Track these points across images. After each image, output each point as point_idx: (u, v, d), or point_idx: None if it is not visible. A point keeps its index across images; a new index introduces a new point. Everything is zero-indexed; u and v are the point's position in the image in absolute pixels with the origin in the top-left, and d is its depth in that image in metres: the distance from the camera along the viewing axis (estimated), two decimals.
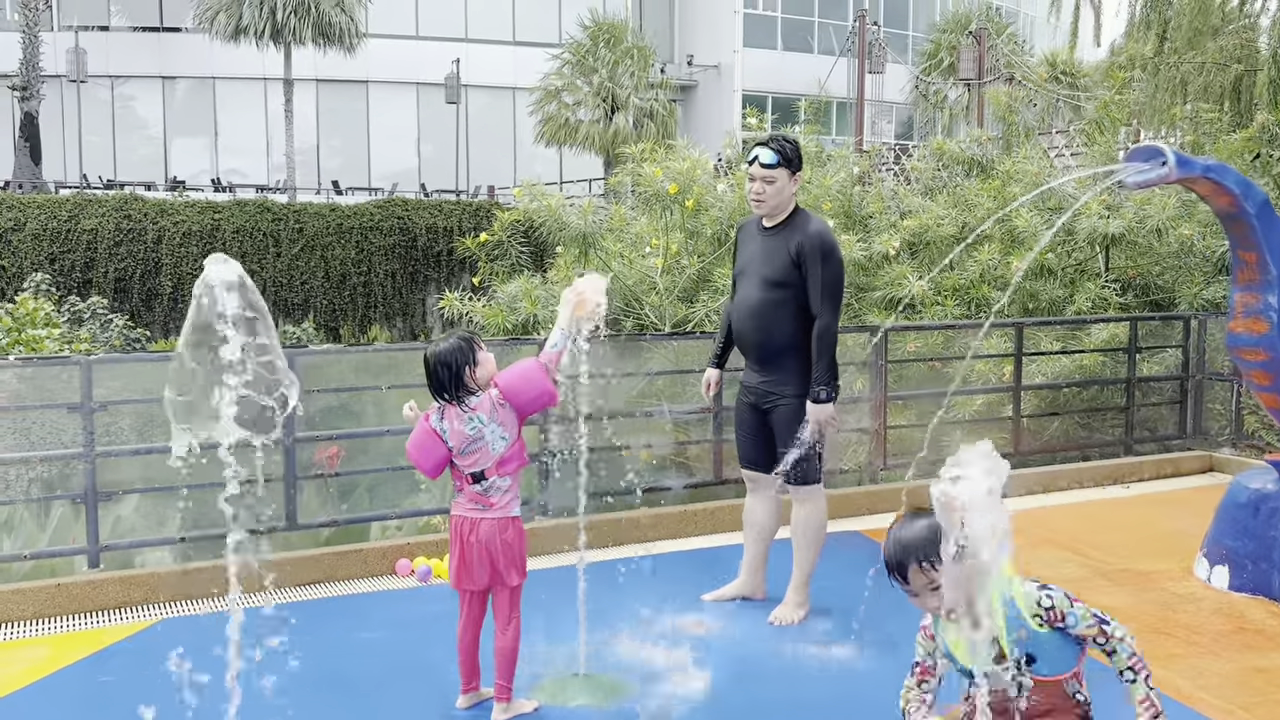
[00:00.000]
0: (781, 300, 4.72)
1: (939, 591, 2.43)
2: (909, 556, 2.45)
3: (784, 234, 4.76)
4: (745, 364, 4.99)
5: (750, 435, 4.97)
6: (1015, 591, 2.49)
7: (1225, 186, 4.79)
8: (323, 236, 26.88)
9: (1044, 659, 2.53)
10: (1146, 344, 8.78)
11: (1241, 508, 5.32)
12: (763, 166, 4.70)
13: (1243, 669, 4.36)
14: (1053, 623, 2.52)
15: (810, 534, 4.89)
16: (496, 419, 3.67)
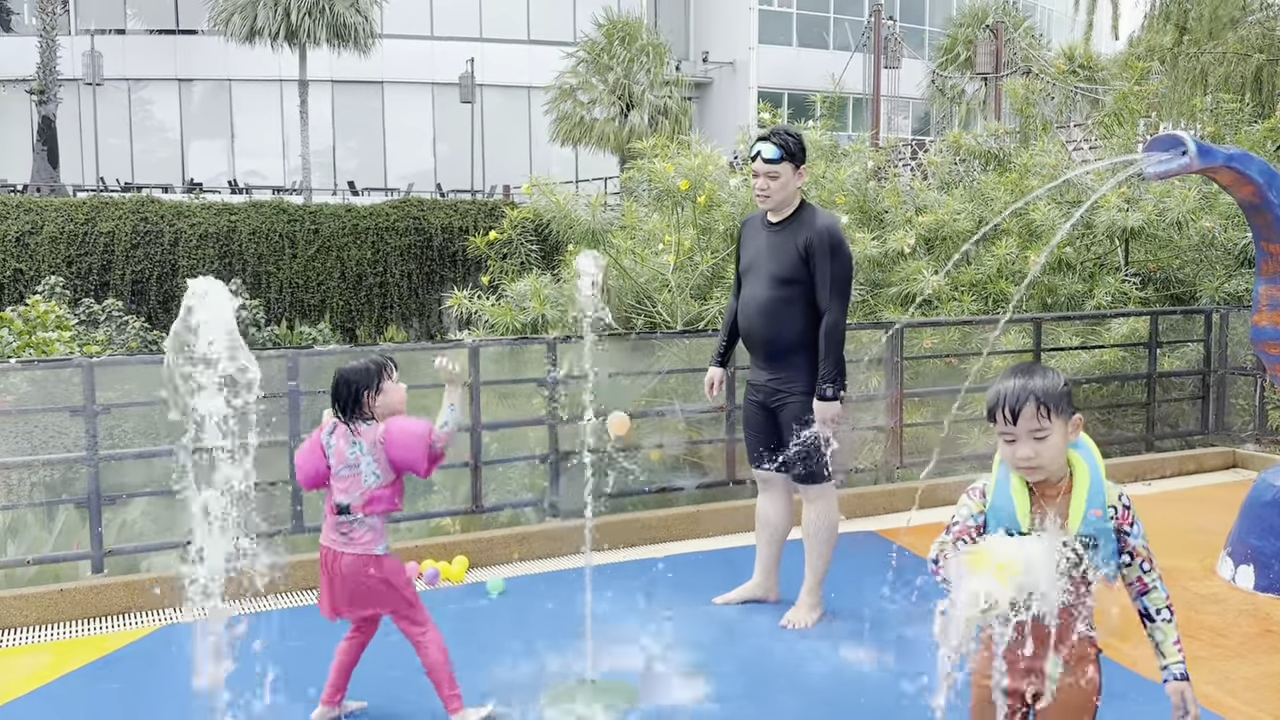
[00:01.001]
0: (790, 297, 4.63)
1: (1040, 441, 2.42)
2: (1030, 396, 2.43)
3: (791, 230, 4.66)
4: (751, 362, 4.89)
5: (759, 434, 4.87)
6: (1103, 470, 2.51)
7: (1249, 176, 4.67)
8: (339, 237, 26.91)
9: (1101, 554, 2.48)
10: (1167, 339, 8.62)
11: (1267, 506, 5.19)
12: (765, 161, 4.61)
13: (1270, 673, 4.24)
14: (1121, 523, 2.51)
15: (822, 534, 4.79)
16: (374, 455, 3.60)
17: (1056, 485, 2.50)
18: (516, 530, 6.09)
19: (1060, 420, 2.46)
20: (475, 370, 6.17)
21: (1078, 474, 2.51)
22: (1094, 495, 2.48)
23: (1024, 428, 2.44)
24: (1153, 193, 9.35)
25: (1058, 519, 2.47)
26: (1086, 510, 2.47)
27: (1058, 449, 2.47)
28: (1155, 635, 2.57)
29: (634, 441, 6.88)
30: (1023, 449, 2.46)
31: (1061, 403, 2.47)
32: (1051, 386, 2.46)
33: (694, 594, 5.17)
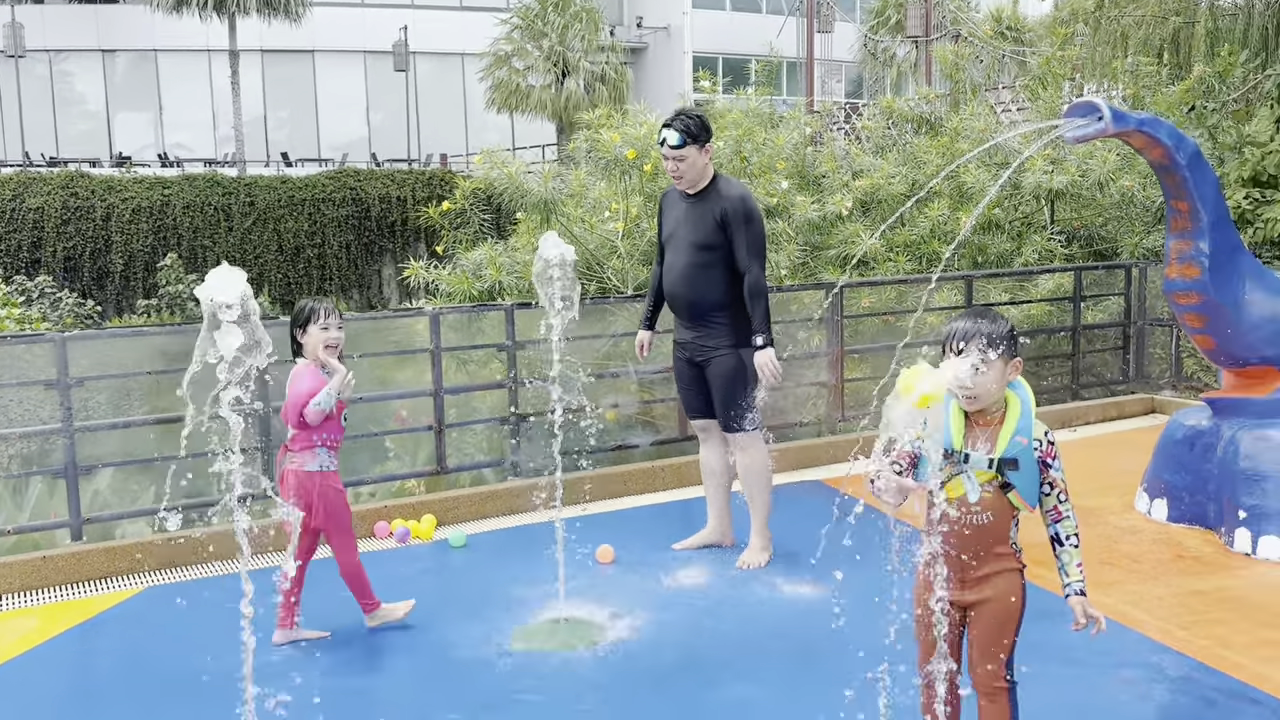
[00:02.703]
0: (710, 262, 4.99)
1: (980, 375, 2.75)
2: (977, 334, 2.77)
3: (707, 201, 5.02)
4: (676, 323, 5.26)
5: (689, 387, 5.25)
6: (1034, 409, 2.84)
7: (1158, 139, 5.02)
8: (275, 209, 26.66)
9: (1022, 476, 2.80)
10: (1091, 293, 9.09)
11: (1178, 444, 5.63)
12: (671, 148, 4.95)
13: (1179, 592, 4.67)
14: (1044, 456, 2.83)
15: (756, 478, 5.15)
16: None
17: (991, 416, 2.84)
18: (480, 489, 6.36)
19: (1001, 360, 2.79)
20: (436, 336, 6.39)
21: (1011, 408, 2.84)
22: (1022, 427, 2.81)
23: (970, 360, 2.77)
24: (1076, 154, 9.79)
25: (987, 442, 2.82)
26: (1013, 437, 2.80)
27: (995, 383, 2.79)
28: (1062, 558, 2.88)
29: (591, 403, 7.17)
30: (964, 383, 2.78)
31: (1004, 344, 2.79)
32: (996, 330, 2.80)
33: (654, 542, 5.48)
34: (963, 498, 2.80)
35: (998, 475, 2.80)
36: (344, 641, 4.33)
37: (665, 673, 3.98)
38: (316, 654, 4.21)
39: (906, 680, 3.07)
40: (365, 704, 3.80)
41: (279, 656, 4.14)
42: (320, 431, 4.17)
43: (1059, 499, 2.86)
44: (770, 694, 3.76)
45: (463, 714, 3.70)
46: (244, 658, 3.12)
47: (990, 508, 2.81)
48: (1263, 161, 9.37)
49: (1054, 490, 2.85)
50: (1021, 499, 2.83)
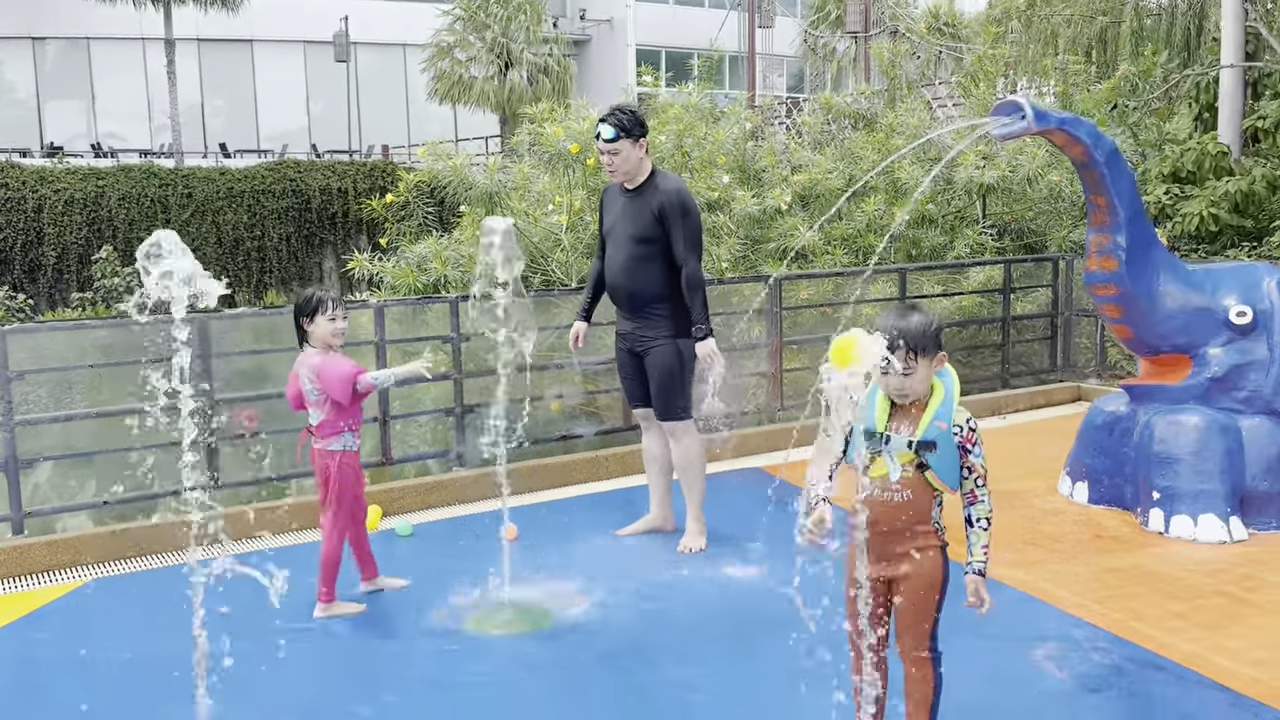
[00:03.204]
0: (649, 255, 5.14)
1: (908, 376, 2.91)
2: (903, 340, 2.90)
3: (645, 195, 5.16)
4: (618, 314, 5.40)
5: (631, 377, 5.40)
6: (957, 396, 3.00)
7: (1078, 137, 5.26)
8: (213, 201, 26.28)
9: (940, 458, 2.95)
10: (1020, 285, 9.38)
11: (1098, 429, 5.88)
12: (605, 142, 5.09)
13: (1097, 570, 4.91)
14: (964, 442, 2.96)
15: (691, 465, 5.32)
16: (313, 384, 4.45)
17: (915, 403, 3.01)
18: (425, 480, 6.44)
19: (925, 360, 2.94)
20: (380, 329, 6.46)
21: (935, 394, 2.99)
22: (942, 412, 2.97)
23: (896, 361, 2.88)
24: (1007, 150, 10.09)
25: (909, 425, 2.98)
26: (932, 421, 2.96)
27: (921, 381, 2.97)
28: (971, 538, 3.02)
29: (536, 393, 7.27)
30: (893, 381, 2.95)
31: (929, 344, 2.94)
32: (920, 329, 2.92)
33: (598, 529, 5.62)
34: (885, 477, 2.96)
35: (916, 456, 2.96)
36: (290, 628, 4.40)
37: (608, 654, 4.11)
38: (266, 641, 4.28)
39: (839, 652, 3.23)
40: (312, 690, 3.89)
41: (227, 646, 4.20)
42: (347, 416, 4.47)
43: (976, 484, 3.00)
44: (710, 673, 3.90)
45: (407, 695, 3.80)
46: (194, 647, 3.19)
47: (911, 487, 2.97)
48: (1181, 158, 9.74)
49: (972, 475, 3.00)
50: (939, 480, 2.98)
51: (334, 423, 4.46)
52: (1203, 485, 5.28)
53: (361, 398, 4.48)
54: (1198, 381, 5.54)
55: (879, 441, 2.98)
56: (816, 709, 3.35)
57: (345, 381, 4.39)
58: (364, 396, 4.50)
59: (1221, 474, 5.28)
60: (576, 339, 5.56)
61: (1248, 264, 6.08)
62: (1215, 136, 9.89)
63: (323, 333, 4.43)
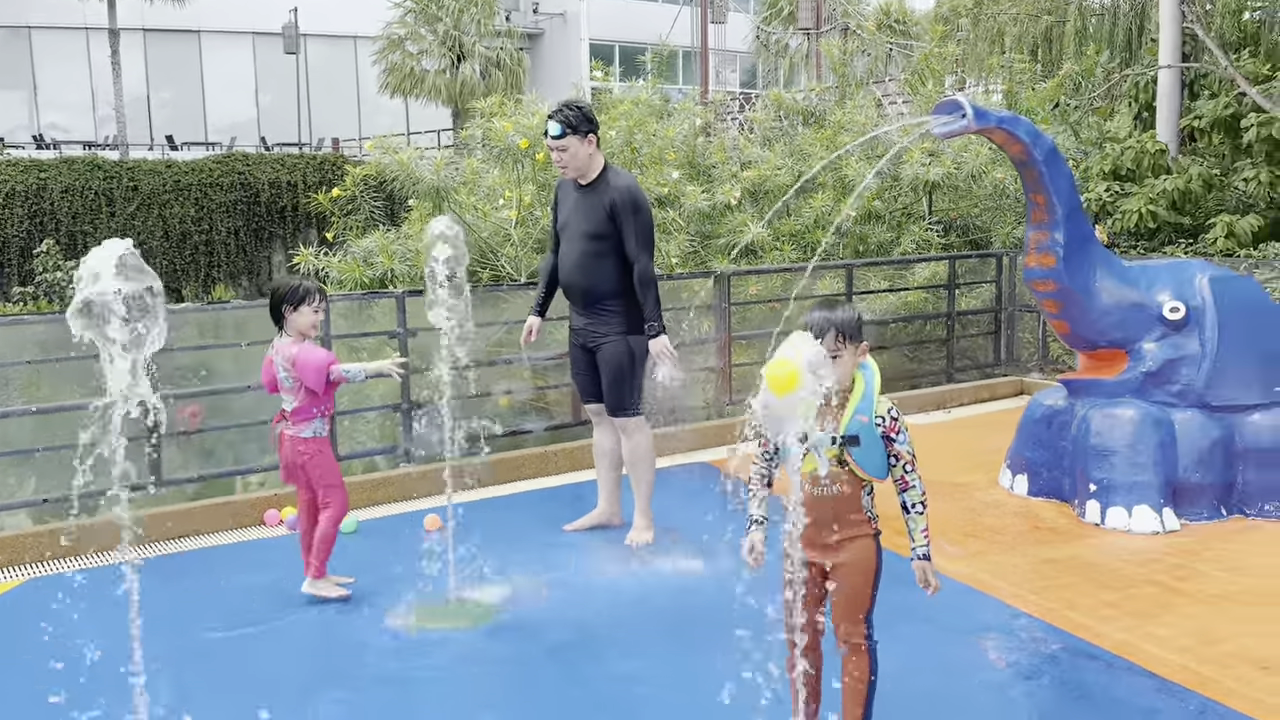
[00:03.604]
0: (602, 251, 5.16)
1: (835, 360, 2.96)
2: (831, 326, 3.01)
3: (597, 191, 5.17)
4: (571, 309, 5.41)
5: (583, 373, 5.42)
6: (877, 388, 3.08)
7: (1017, 136, 5.36)
8: (159, 194, 25.87)
9: (863, 451, 3.03)
10: (965, 280, 9.52)
11: (1037, 423, 6.00)
12: (553, 138, 5.10)
13: (1034, 561, 5.01)
14: (888, 431, 3.05)
15: (641, 462, 5.35)
16: (288, 371, 4.54)
17: (839, 396, 3.06)
18: (372, 476, 6.41)
19: (852, 346, 3.05)
20: (326, 324, 6.40)
21: (856, 387, 3.08)
22: (864, 405, 3.05)
23: (826, 348, 2.94)
24: (952, 148, 10.22)
25: (833, 420, 3.05)
26: (855, 415, 3.04)
27: (847, 368, 3.05)
28: (909, 524, 3.11)
29: (484, 389, 7.27)
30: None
31: (854, 332, 3.06)
32: (848, 319, 3.05)
33: (546, 524, 5.63)
34: (814, 472, 3.04)
35: (840, 451, 3.03)
36: (237, 624, 4.38)
37: (554, 648, 4.13)
38: (209, 637, 4.25)
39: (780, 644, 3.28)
40: (255, 687, 3.86)
41: (166, 645, 4.16)
42: (320, 403, 4.60)
43: (905, 470, 3.08)
44: (655, 666, 3.94)
45: (353, 691, 3.80)
46: (132, 647, 3.16)
47: (839, 480, 3.06)
48: (1121, 156, 9.93)
49: (899, 462, 3.08)
50: (864, 471, 3.06)
51: (307, 409, 4.58)
52: (1137, 477, 5.41)
53: (334, 387, 4.59)
54: (1133, 376, 5.66)
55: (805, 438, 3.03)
56: (758, 700, 3.39)
57: (320, 370, 4.50)
58: (336, 386, 4.60)
59: (1155, 466, 5.41)
60: (529, 333, 5.55)
61: (1181, 261, 6.24)
62: (1154, 135, 10.10)
63: (304, 322, 4.55)
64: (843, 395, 3.06)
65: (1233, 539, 5.24)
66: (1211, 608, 4.37)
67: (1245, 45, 11.71)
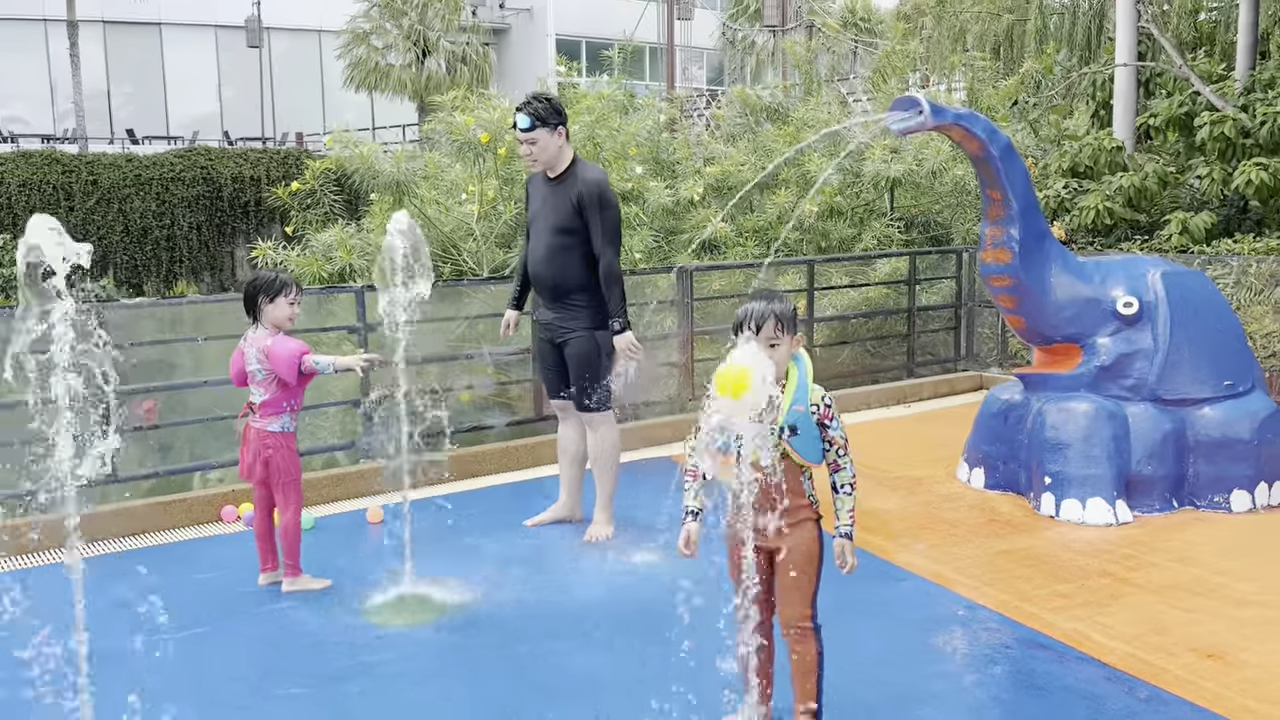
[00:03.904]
0: (569, 245, 5.14)
1: (773, 349, 3.06)
2: (770, 314, 3.09)
3: (565, 184, 5.16)
4: (540, 303, 5.39)
5: (550, 368, 5.39)
6: (810, 380, 3.18)
7: (973, 133, 5.40)
8: (120, 189, 25.52)
9: (801, 438, 3.13)
10: (925, 276, 9.59)
11: (994, 416, 6.06)
12: (522, 131, 5.08)
13: (990, 553, 5.06)
14: (822, 418, 3.15)
15: (605, 457, 5.35)
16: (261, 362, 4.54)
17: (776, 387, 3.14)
18: (331, 472, 6.37)
19: (788, 335, 3.14)
20: None
21: (791, 378, 3.17)
22: (799, 394, 3.15)
23: (763, 337, 3.08)
24: (913, 144, 10.29)
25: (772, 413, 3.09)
26: (792, 405, 3.14)
27: (784, 357, 3.15)
28: (837, 504, 3.21)
29: (446, 385, 7.23)
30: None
31: (792, 322, 3.16)
32: (786, 309, 3.14)
33: (507, 520, 5.62)
34: (757, 462, 3.06)
35: (781, 441, 3.11)
36: (192, 620, 4.34)
37: (511, 643, 4.13)
38: (162, 635, 4.20)
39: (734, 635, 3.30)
40: (211, 683, 3.83)
41: (117, 644, 4.12)
42: (291, 397, 4.59)
43: (838, 454, 3.19)
44: (613, 660, 3.94)
45: (309, 687, 3.77)
46: (77, 643, 3.12)
47: (780, 467, 3.12)
48: (1079, 154, 10.04)
49: (833, 447, 3.19)
50: (802, 458, 3.15)
51: (277, 403, 4.57)
52: (1091, 470, 5.47)
53: (306, 379, 4.58)
54: (1087, 370, 5.73)
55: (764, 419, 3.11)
56: (714, 693, 3.41)
57: (292, 360, 4.48)
58: (309, 379, 4.59)
59: (1109, 459, 5.48)
60: (507, 327, 5.52)
61: (1134, 256, 6.32)
62: (1111, 133, 10.22)
63: (280, 315, 4.56)
64: (779, 386, 3.13)
65: (1183, 530, 5.33)
66: (1160, 598, 4.44)
67: (1200, 45, 11.89)
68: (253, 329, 4.60)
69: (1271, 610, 4.29)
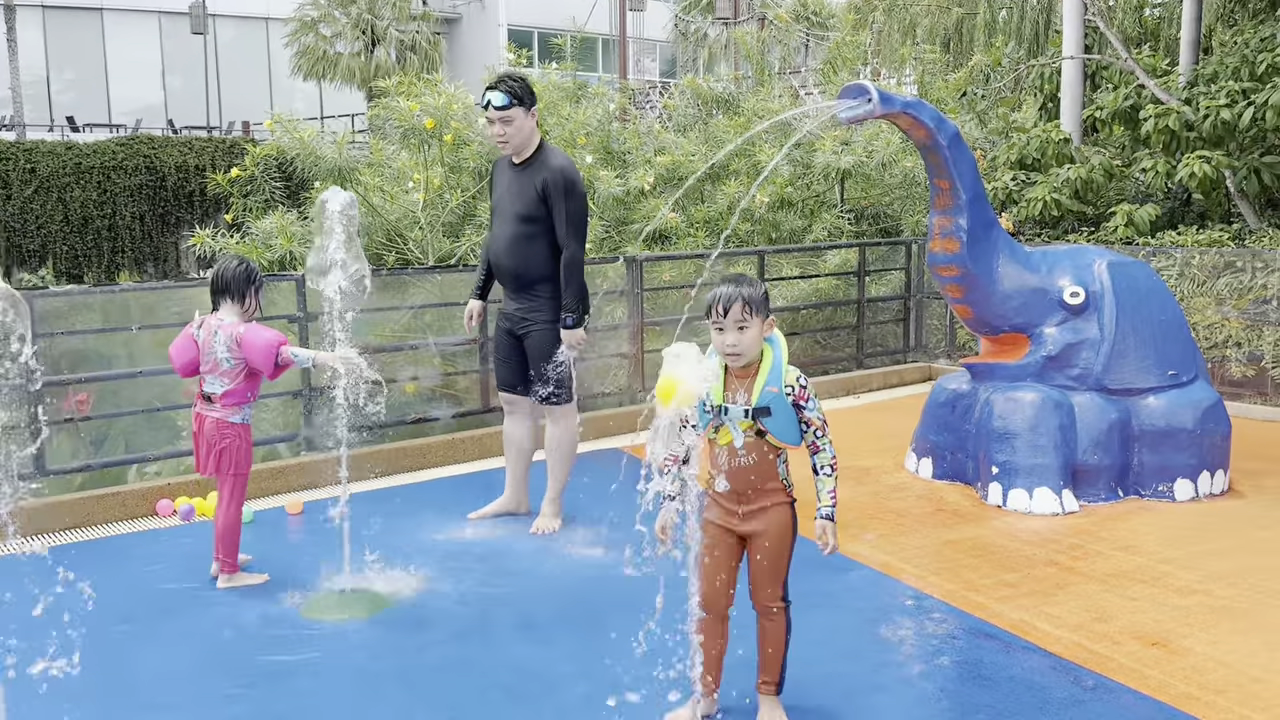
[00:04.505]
0: (533, 234, 4.99)
1: (742, 332, 3.07)
2: (738, 297, 3.07)
3: (531, 170, 5.00)
4: (504, 293, 5.24)
5: (507, 360, 5.24)
6: (785, 359, 3.16)
7: (921, 121, 5.37)
8: (59, 177, 24.90)
9: (775, 420, 3.12)
10: (875, 268, 9.60)
11: (941, 406, 6.06)
12: (496, 109, 4.89)
13: (937, 542, 5.05)
14: (798, 399, 3.14)
15: (563, 450, 5.25)
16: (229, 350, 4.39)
17: (748, 369, 3.16)
18: (271, 465, 6.22)
19: (758, 318, 3.11)
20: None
21: (765, 359, 3.15)
22: (773, 376, 3.13)
23: (731, 320, 3.08)
24: (863, 136, 10.29)
25: (745, 393, 3.12)
26: (765, 386, 3.11)
27: (754, 339, 3.12)
28: (818, 485, 3.22)
29: (390, 375, 7.10)
30: (729, 337, 3.10)
31: (761, 305, 3.13)
32: (754, 292, 3.12)
33: (451, 512, 5.51)
34: (730, 444, 3.13)
35: (753, 423, 3.11)
36: (123, 618, 4.20)
37: (452, 637, 4.03)
38: (89, 633, 4.06)
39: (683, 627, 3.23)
40: (139, 681, 3.70)
41: (38, 640, 3.97)
42: (253, 388, 4.49)
43: (816, 435, 3.18)
44: (554, 653, 3.86)
45: (243, 686, 3.65)
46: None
47: (754, 450, 3.14)
48: (1027, 146, 10.10)
49: (810, 428, 3.18)
50: (778, 440, 3.14)
51: (241, 393, 4.44)
52: (1037, 460, 5.48)
53: (280, 370, 4.43)
54: (1034, 360, 5.74)
55: (719, 413, 3.13)
56: (657, 685, 3.35)
57: (269, 350, 4.34)
58: (283, 370, 4.43)
59: (1055, 449, 5.49)
60: (471, 317, 5.36)
61: (1081, 246, 6.33)
62: (1058, 125, 10.30)
63: (252, 306, 4.48)
64: (753, 368, 3.14)
65: (1127, 519, 5.35)
66: (1105, 586, 4.44)
67: (1145, 40, 12.02)
68: (214, 316, 4.43)
69: (1214, 598, 4.31)
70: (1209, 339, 8.04)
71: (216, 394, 4.41)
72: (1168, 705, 3.42)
